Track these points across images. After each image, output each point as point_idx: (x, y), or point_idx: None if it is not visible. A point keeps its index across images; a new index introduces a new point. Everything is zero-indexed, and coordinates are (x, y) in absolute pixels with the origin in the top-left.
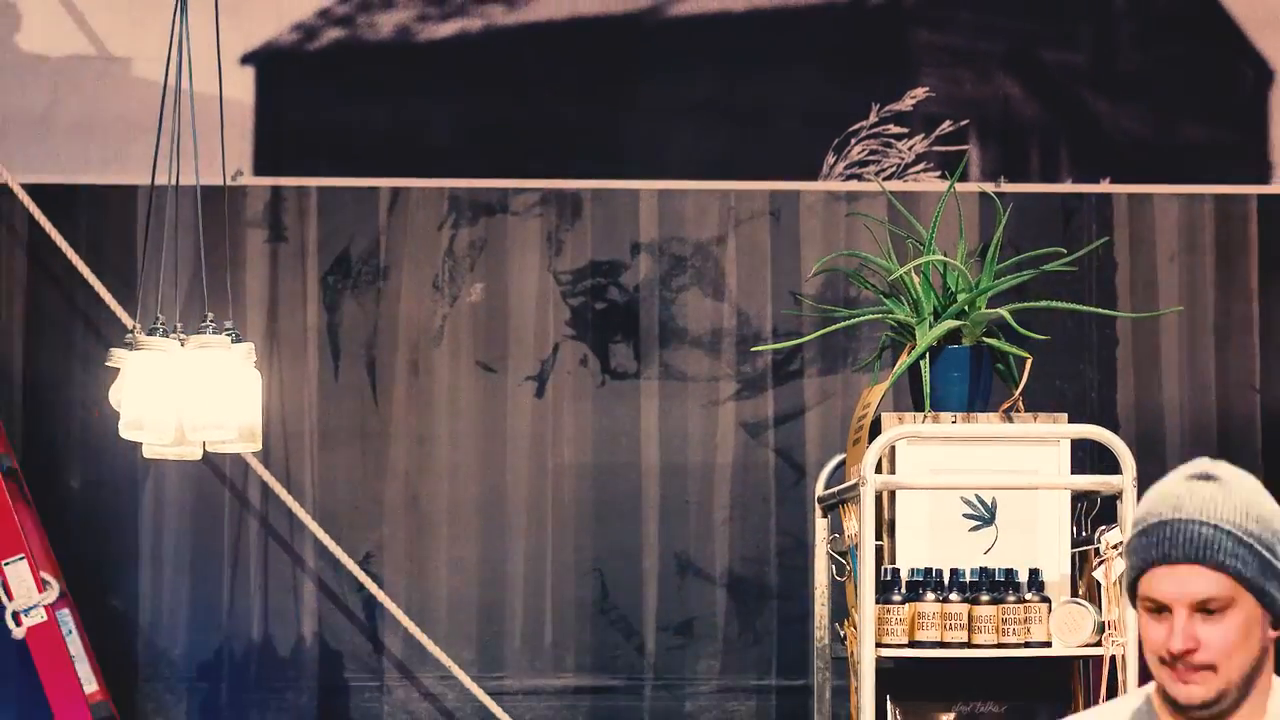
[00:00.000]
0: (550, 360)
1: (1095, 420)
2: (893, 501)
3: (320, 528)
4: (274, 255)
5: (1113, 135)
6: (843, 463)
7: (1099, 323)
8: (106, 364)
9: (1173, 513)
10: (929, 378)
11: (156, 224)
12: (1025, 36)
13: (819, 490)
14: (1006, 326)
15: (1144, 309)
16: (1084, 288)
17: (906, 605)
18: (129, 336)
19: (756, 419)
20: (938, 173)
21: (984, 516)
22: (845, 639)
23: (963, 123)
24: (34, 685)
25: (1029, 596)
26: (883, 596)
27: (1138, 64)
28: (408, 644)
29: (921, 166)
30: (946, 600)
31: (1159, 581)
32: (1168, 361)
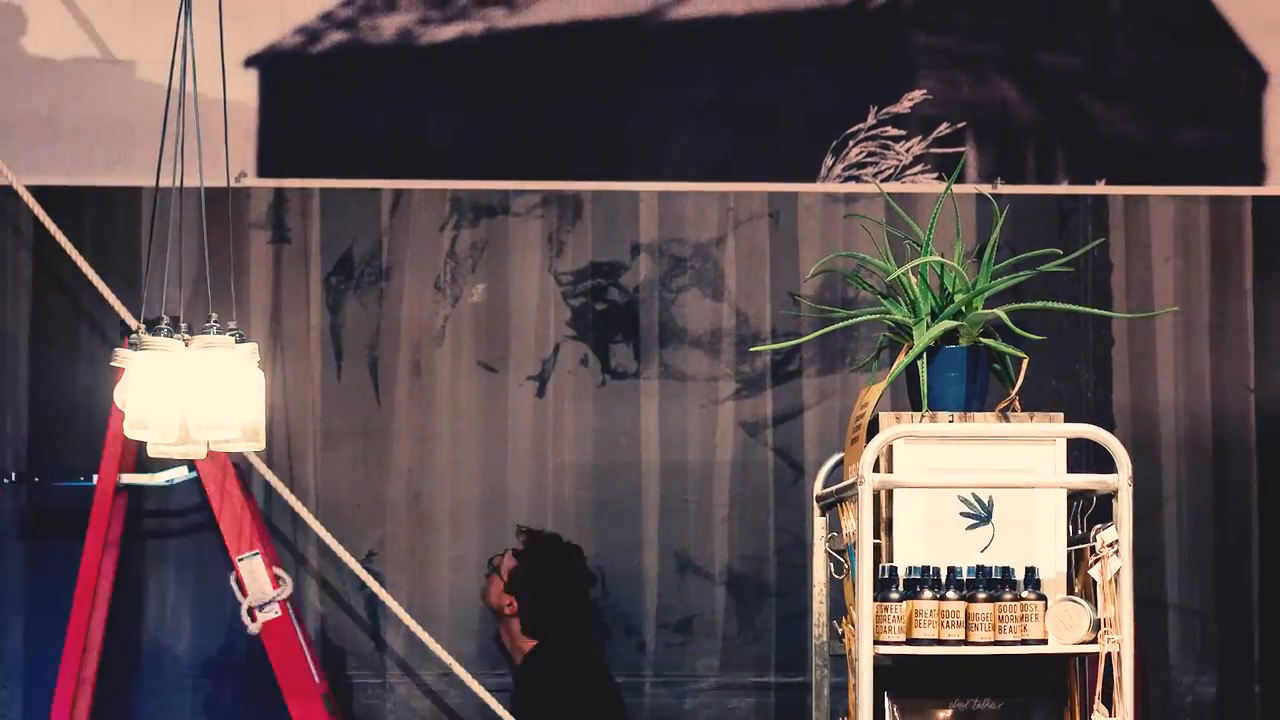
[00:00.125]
0: (551, 360)
1: (1091, 420)
2: (890, 500)
3: (323, 526)
4: (277, 256)
5: (1108, 137)
6: (841, 462)
7: (1095, 323)
8: (111, 364)
9: None
10: (926, 377)
11: (160, 225)
12: (1022, 40)
13: (817, 489)
14: (1003, 327)
15: (1139, 309)
16: (1080, 288)
17: (904, 603)
18: (133, 337)
19: (755, 418)
20: (935, 174)
21: (981, 515)
22: (843, 636)
23: (960, 125)
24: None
25: (1025, 594)
26: (880, 594)
27: (1133, 67)
28: (410, 641)
29: (919, 168)
30: (944, 598)
31: None
32: (1163, 361)
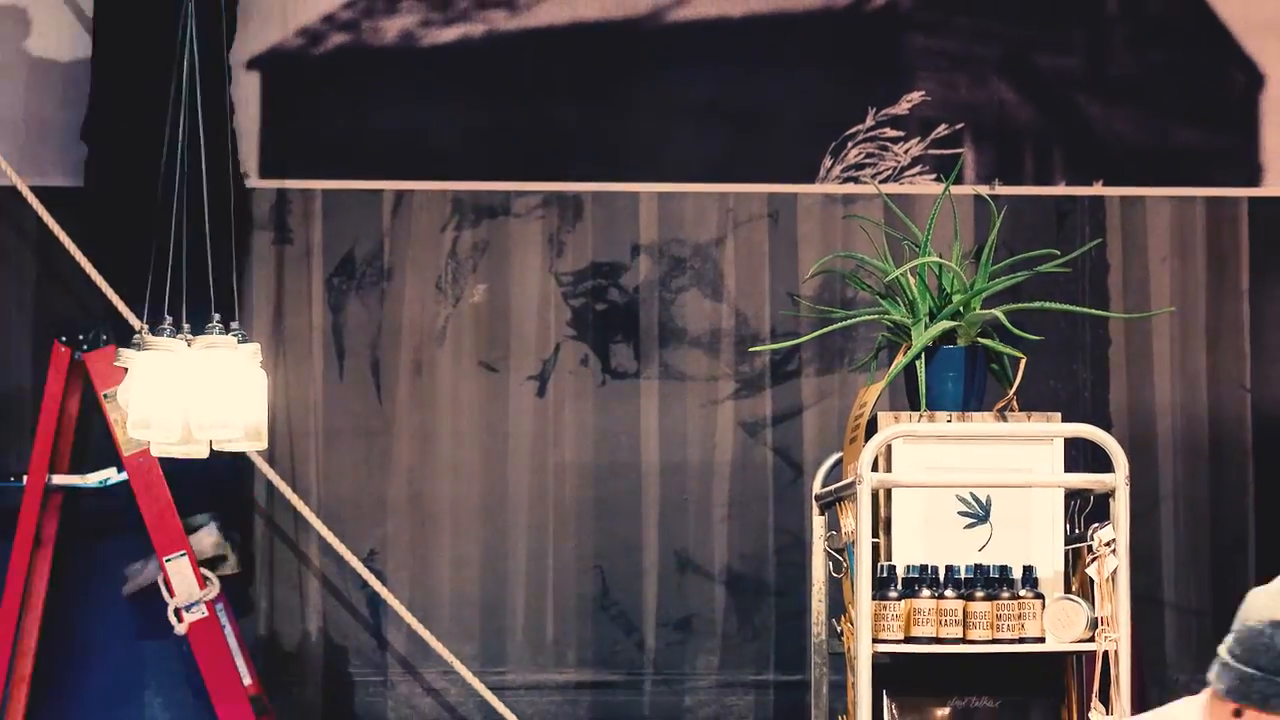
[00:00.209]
0: (551, 360)
1: (1088, 419)
2: (889, 499)
3: (325, 525)
4: (280, 257)
5: (1105, 139)
6: (840, 461)
7: (1092, 323)
8: (114, 364)
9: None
10: (924, 377)
11: (164, 226)
12: (1020, 42)
13: (816, 488)
14: (1001, 327)
15: (1136, 310)
16: (1077, 289)
17: (902, 601)
18: (137, 337)
19: (755, 418)
20: (933, 176)
21: (979, 514)
22: (842, 635)
23: (958, 126)
24: (186, 680)
25: (1023, 593)
26: (879, 593)
27: (1130, 69)
28: (411, 639)
29: (917, 169)
30: (942, 596)
31: None
32: (1160, 361)
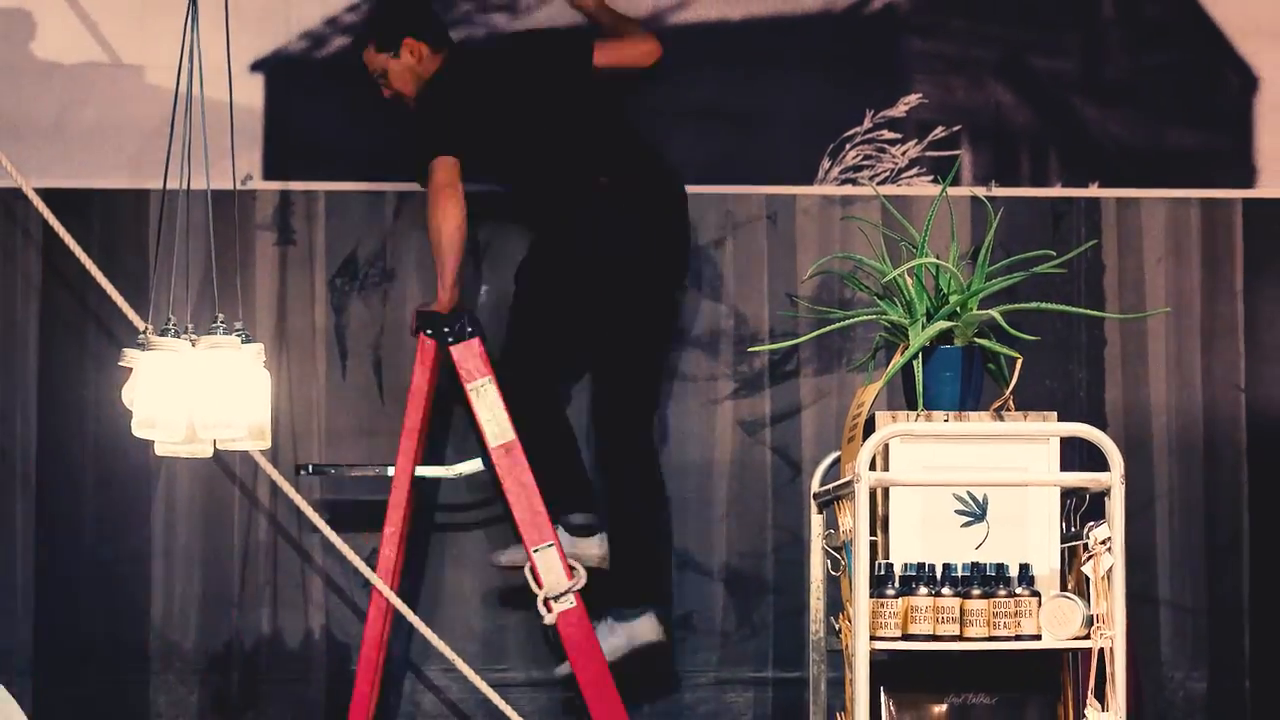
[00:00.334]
0: None
1: (1084, 419)
2: (886, 498)
3: (327, 523)
4: (283, 258)
5: (1101, 141)
6: (838, 460)
7: (1088, 324)
8: (119, 364)
9: None
10: (922, 377)
11: (168, 227)
12: (1016, 45)
13: (814, 487)
14: (997, 327)
15: (1132, 310)
16: (1073, 289)
17: (900, 599)
18: (141, 337)
19: (754, 417)
20: (930, 177)
21: (975, 513)
22: (840, 632)
23: (955, 128)
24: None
25: (1019, 591)
26: (876, 591)
27: (1126, 71)
28: (413, 637)
29: (915, 171)
30: (939, 594)
31: None
32: (1155, 361)
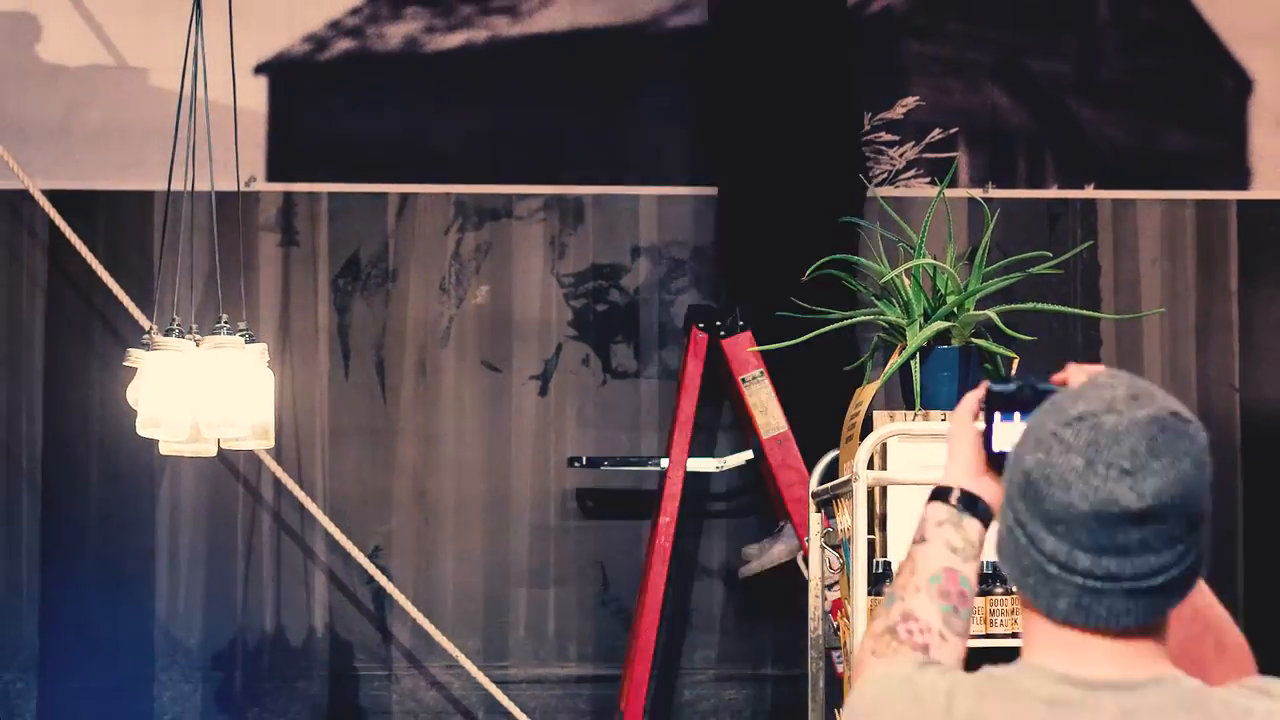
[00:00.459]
0: (553, 360)
1: None
2: (884, 496)
3: (331, 522)
4: (286, 258)
5: (1097, 143)
6: (836, 459)
7: (1084, 324)
8: (124, 364)
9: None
10: (919, 377)
11: (172, 228)
12: (1012, 47)
13: (813, 486)
14: (994, 327)
15: (1127, 311)
16: (1069, 290)
17: None
18: (146, 337)
19: None
20: (928, 179)
21: None
22: (839, 630)
23: (952, 130)
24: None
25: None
26: (874, 588)
27: (1121, 74)
28: (415, 634)
29: (912, 173)
30: None
31: None
32: (1150, 361)
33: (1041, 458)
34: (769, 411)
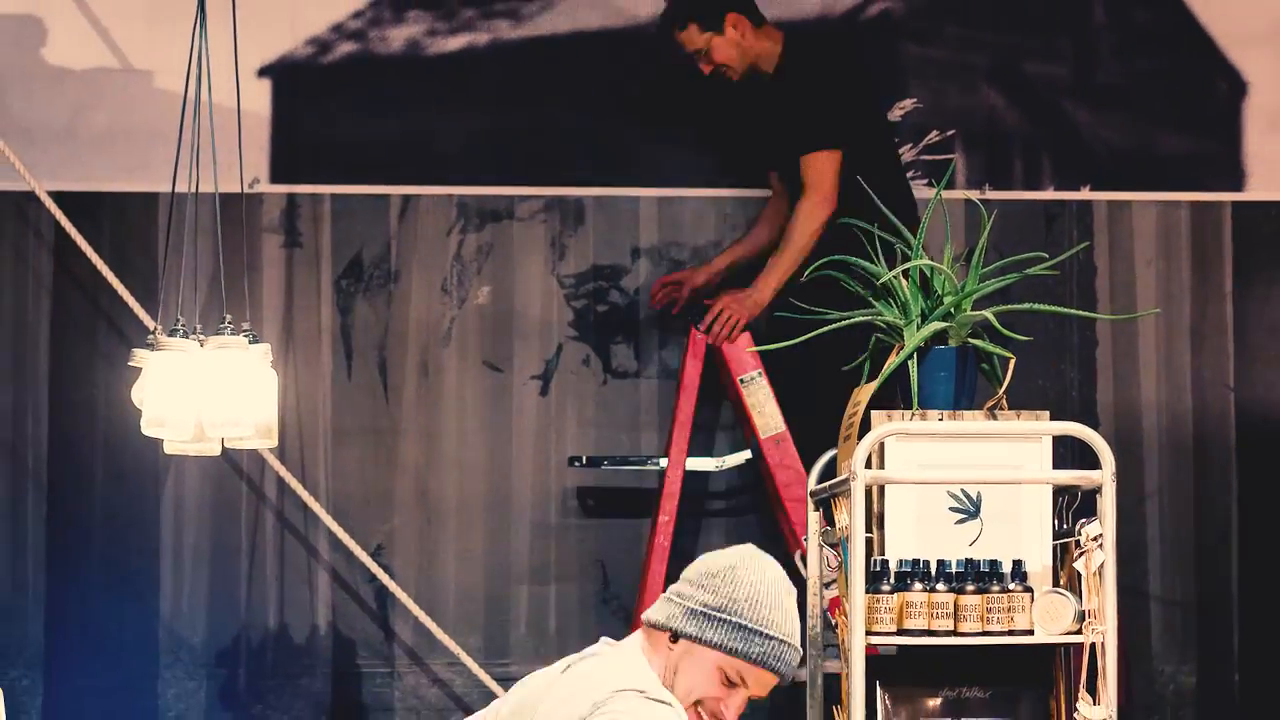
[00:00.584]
0: (554, 360)
1: (1076, 418)
2: (882, 496)
3: (334, 520)
4: (289, 260)
5: (1093, 145)
6: (834, 459)
7: (1080, 324)
8: (129, 364)
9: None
10: (917, 377)
11: (177, 229)
12: (1009, 50)
13: (811, 484)
14: (991, 328)
15: (1123, 311)
16: (1065, 291)
17: (895, 595)
18: (150, 337)
19: None
20: (925, 180)
21: (969, 510)
22: (836, 627)
23: (949, 133)
24: None
25: (1012, 586)
26: (872, 587)
27: (1117, 77)
28: (418, 632)
29: (910, 174)
30: (933, 590)
31: (763, 680)
32: (1145, 361)
33: None
34: (766, 412)
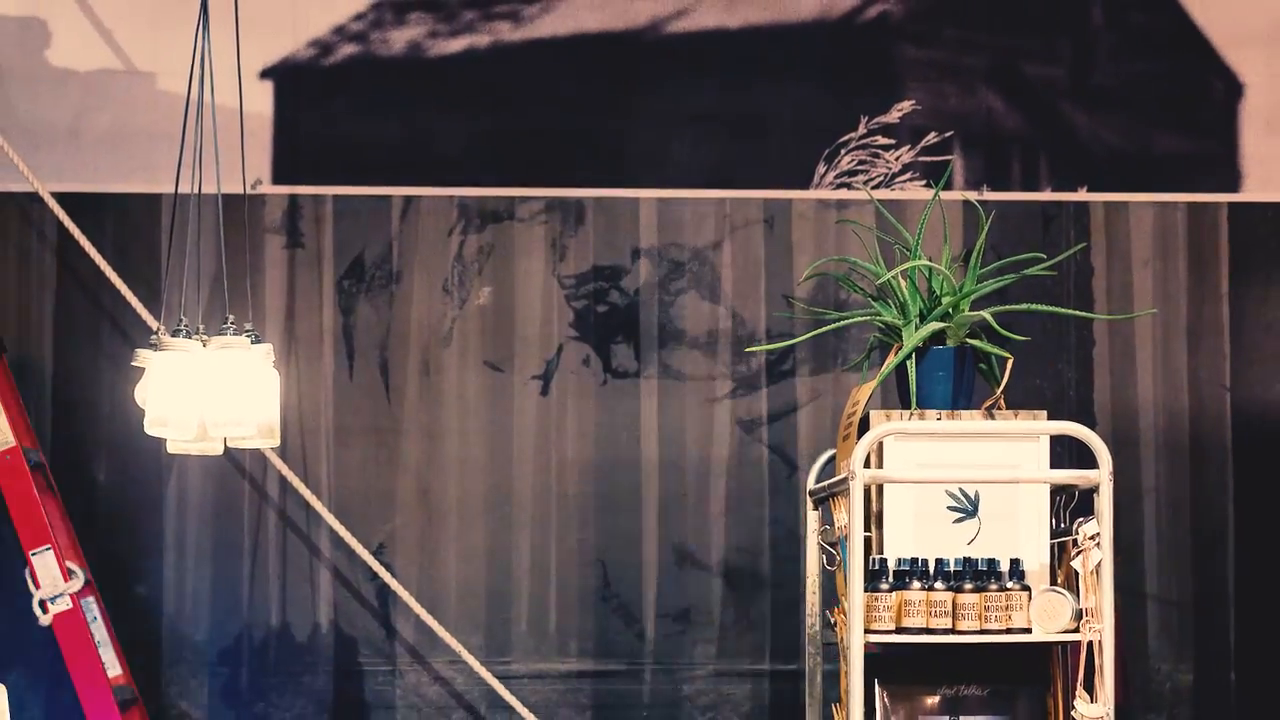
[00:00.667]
0: (554, 360)
1: (1073, 417)
2: (881, 495)
3: (336, 519)
4: (292, 260)
5: (1090, 146)
6: (833, 458)
7: (1077, 324)
8: (132, 364)
9: None
10: (915, 377)
11: (180, 230)
12: (1007, 52)
13: (810, 484)
14: (989, 328)
15: (1120, 311)
16: (1063, 291)
17: (893, 593)
18: (153, 337)
19: (751, 416)
20: (923, 182)
21: (967, 509)
22: (835, 626)
23: (947, 134)
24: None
25: (1010, 585)
26: (871, 585)
27: (1114, 78)
28: (419, 630)
29: (908, 176)
30: (932, 589)
31: None
32: (1142, 361)
33: None
34: None
